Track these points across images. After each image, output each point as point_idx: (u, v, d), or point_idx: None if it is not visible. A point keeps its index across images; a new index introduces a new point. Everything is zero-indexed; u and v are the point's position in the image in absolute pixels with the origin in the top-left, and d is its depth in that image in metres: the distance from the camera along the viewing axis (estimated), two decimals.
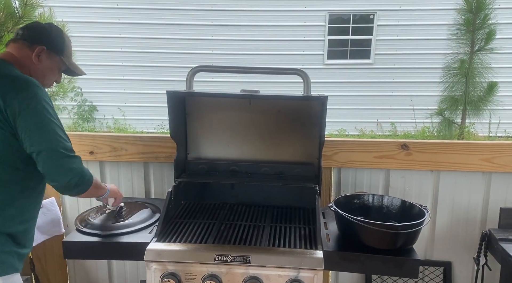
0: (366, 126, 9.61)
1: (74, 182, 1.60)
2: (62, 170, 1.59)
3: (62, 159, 1.58)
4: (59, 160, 1.57)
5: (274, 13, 9.41)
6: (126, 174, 2.48)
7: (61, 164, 1.58)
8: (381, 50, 9.55)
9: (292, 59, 9.28)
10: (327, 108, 1.98)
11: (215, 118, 2.26)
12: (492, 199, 2.34)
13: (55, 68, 1.77)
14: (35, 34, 1.72)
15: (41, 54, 1.71)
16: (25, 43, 1.70)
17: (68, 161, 1.59)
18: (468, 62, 5.88)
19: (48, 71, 1.76)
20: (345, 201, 1.96)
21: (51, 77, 1.79)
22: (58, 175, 1.59)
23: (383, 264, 1.72)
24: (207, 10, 9.40)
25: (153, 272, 1.71)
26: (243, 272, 1.68)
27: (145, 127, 9.52)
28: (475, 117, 6.12)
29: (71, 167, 1.59)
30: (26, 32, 1.72)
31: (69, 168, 1.59)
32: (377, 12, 9.46)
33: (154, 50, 9.47)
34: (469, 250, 2.36)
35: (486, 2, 5.70)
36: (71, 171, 1.59)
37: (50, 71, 1.76)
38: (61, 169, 1.59)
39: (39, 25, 1.78)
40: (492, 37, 5.76)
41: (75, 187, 1.63)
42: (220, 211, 2.17)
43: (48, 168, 1.58)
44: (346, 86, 9.49)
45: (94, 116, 9.62)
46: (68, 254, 1.82)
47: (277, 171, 2.26)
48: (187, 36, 9.49)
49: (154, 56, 9.50)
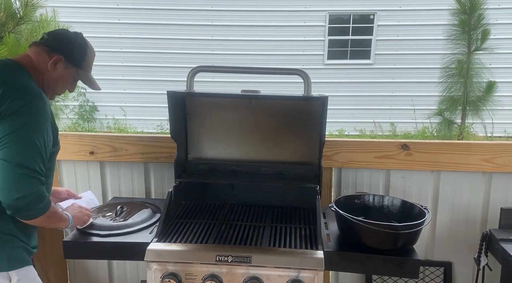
0: (366, 126, 9.61)
1: (23, 203, 1.49)
2: (13, 185, 1.47)
3: (21, 175, 1.47)
4: (16, 174, 1.47)
5: (274, 13, 9.41)
6: (126, 174, 2.48)
7: (15, 178, 1.47)
8: (381, 50, 9.55)
9: (292, 59, 9.28)
10: (327, 109, 1.98)
11: (216, 118, 2.26)
12: (493, 199, 2.34)
13: (69, 78, 1.77)
14: (57, 42, 1.71)
15: (58, 63, 1.70)
16: (45, 49, 1.70)
17: (26, 178, 1.48)
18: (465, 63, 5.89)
19: (61, 81, 1.75)
20: (345, 201, 1.96)
21: (63, 86, 1.79)
22: (8, 189, 1.48)
23: (383, 264, 1.72)
24: (207, 10, 9.41)
25: (153, 272, 1.71)
26: (244, 272, 1.68)
27: (145, 128, 9.53)
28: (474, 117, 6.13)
29: (25, 185, 1.48)
30: (50, 38, 1.72)
31: (22, 186, 1.48)
32: (377, 12, 9.46)
33: (154, 51, 9.47)
34: (470, 250, 2.36)
35: (479, 2, 5.71)
36: (23, 190, 1.48)
37: (63, 81, 1.75)
38: (13, 183, 1.47)
39: (64, 34, 1.76)
40: (486, 37, 5.77)
41: (24, 210, 1.51)
42: (221, 211, 2.17)
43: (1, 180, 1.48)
44: (346, 86, 9.49)
45: (94, 117, 9.63)
46: (68, 254, 1.82)
47: (277, 171, 2.26)
48: (187, 36, 9.49)
49: (154, 57, 9.50)
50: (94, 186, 2.49)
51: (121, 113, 9.53)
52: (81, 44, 1.76)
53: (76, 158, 2.41)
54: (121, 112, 9.52)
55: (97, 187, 2.50)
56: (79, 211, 1.85)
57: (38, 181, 1.53)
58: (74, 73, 1.76)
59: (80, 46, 1.75)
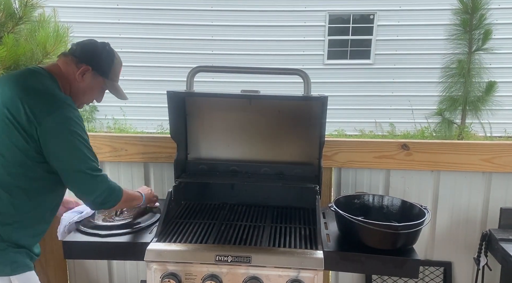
0: (366, 126, 9.61)
1: (99, 200, 1.66)
2: (87, 190, 1.65)
3: (87, 179, 1.63)
4: (83, 180, 1.63)
5: (274, 13, 9.41)
6: (126, 174, 2.48)
7: (85, 184, 1.64)
8: (381, 50, 9.55)
9: (292, 59, 9.28)
10: (327, 109, 1.98)
11: (215, 118, 2.26)
12: (492, 199, 2.34)
13: (96, 88, 1.80)
14: (85, 53, 1.74)
15: (85, 73, 1.73)
16: (73, 59, 1.73)
17: (92, 181, 1.64)
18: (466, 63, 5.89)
19: (89, 91, 1.78)
20: (345, 201, 1.96)
21: (91, 96, 1.82)
22: (83, 193, 1.67)
23: (383, 264, 1.72)
24: (207, 11, 9.41)
25: (153, 272, 1.71)
26: (244, 272, 1.68)
27: (145, 128, 9.52)
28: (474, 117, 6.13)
29: (94, 187, 1.64)
30: (78, 49, 1.75)
31: (93, 188, 1.64)
32: (377, 12, 9.46)
33: (154, 51, 9.47)
34: (469, 250, 2.36)
35: (482, 2, 5.71)
36: (96, 191, 1.65)
37: (91, 90, 1.79)
38: (86, 188, 1.65)
39: (91, 44, 1.78)
40: (488, 37, 5.78)
41: (102, 204, 1.69)
42: (220, 211, 2.17)
43: (74, 187, 1.66)
44: (346, 86, 9.49)
45: (94, 117, 9.62)
46: (68, 254, 1.82)
47: (277, 171, 2.26)
48: (187, 36, 9.49)
49: (154, 57, 9.50)
50: None
51: (121, 113, 9.53)
52: (108, 54, 1.78)
53: None
54: (121, 113, 9.51)
55: None
56: (150, 192, 2.03)
57: (101, 177, 1.67)
58: (102, 83, 1.79)
59: (107, 56, 1.78)
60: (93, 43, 1.79)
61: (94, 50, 1.76)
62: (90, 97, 1.83)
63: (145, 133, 9.02)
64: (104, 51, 1.77)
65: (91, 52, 1.75)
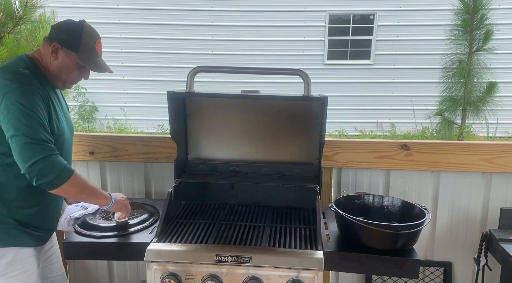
0: (366, 126, 9.61)
1: (35, 170, 1.56)
2: (21, 155, 1.57)
3: (22, 144, 1.56)
4: (18, 144, 1.57)
5: (274, 13, 9.41)
6: (126, 174, 2.48)
7: (20, 149, 1.57)
8: (381, 50, 9.55)
9: (292, 60, 9.29)
10: (327, 109, 1.98)
11: (216, 118, 2.26)
12: (493, 199, 2.34)
13: (71, 64, 1.80)
14: (55, 32, 1.78)
15: (58, 52, 1.77)
16: (47, 40, 1.79)
17: (28, 147, 1.56)
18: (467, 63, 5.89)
19: (64, 68, 1.79)
20: (345, 201, 1.96)
21: (68, 73, 1.82)
22: (18, 159, 1.59)
23: (383, 265, 1.72)
24: (207, 11, 9.41)
25: (153, 272, 1.71)
26: (244, 273, 1.68)
27: (145, 128, 9.53)
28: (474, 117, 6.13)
29: (30, 153, 1.56)
30: (51, 30, 1.81)
31: (29, 155, 1.56)
32: (377, 13, 9.46)
33: (154, 51, 9.47)
34: (470, 251, 2.36)
35: (483, 2, 5.71)
36: (31, 158, 1.56)
37: (66, 67, 1.79)
38: (21, 154, 1.57)
39: (63, 23, 1.82)
40: (489, 37, 5.78)
41: (39, 177, 1.57)
42: (220, 211, 2.17)
43: (14, 154, 1.59)
44: (346, 87, 9.49)
45: (94, 117, 9.63)
46: (68, 254, 1.82)
47: (277, 171, 2.26)
48: (188, 36, 9.49)
49: (154, 57, 9.50)
50: None
51: (121, 113, 9.53)
52: (75, 28, 1.78)
53: (76, 158, 2.41)
54: (121, 113, 9.52)
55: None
56: (122, 199, 1.91)
57: (46, 148, 1.60)
58: (75, 59, 1.78)
59: (74, 30, 1.78)
60: (65, 22, 1.83)
61: (63, 27, 1.79)
62: (69, 75, 1.82)
63: (145, 133, 9.02)
64: (72, 26, 1.79)
65: (57, 30, 1.78)
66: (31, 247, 1.79)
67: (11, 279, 1.72)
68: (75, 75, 1.85)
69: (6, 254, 1.72)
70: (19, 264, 1.74)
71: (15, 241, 1.74)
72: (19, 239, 1.75)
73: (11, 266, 1.72)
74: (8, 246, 1.72)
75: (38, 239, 1.82)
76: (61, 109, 1.87)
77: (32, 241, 1.79)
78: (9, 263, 1.72)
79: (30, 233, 1.78)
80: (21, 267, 1.74)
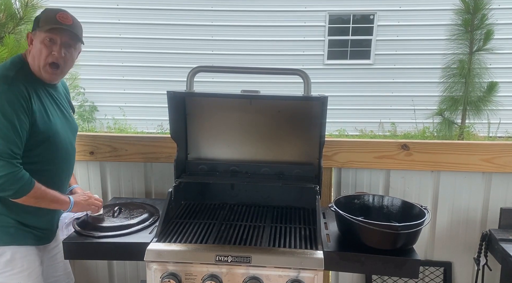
0: (366, 126, 9.61)
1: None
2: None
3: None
4: None
5: (274, 13, 9.41)
6: (126, 174, 2.48)
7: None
8: (381, 50, 9.55)
9: (292, 60, 9.29)
10: (327, 109, 1.98)
11: (215, 118, 2.26)
12: (492, 199, 2.34)
13: (39, 44, 1.75)
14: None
15: (33, 40, 1.77)
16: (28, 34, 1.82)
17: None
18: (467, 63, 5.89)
19: (37, 51, 1.76)
20: (345, 201, 1.96)
21: (40, 54, 1.76)
22: None
23: (383, 264, 1.72)
24: (207, 10, 9.41)
25: (153, 272, 1.71)
26: (244, 272, 1.68)
27: (145, 128, 9.52)
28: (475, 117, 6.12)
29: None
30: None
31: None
32: (377, 13, 9.46)
33: (154, 51, 9.47)
34: (469, 250, 2.36)
35: (484, 2, 5.71)
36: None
37: (38, 49, 1.76)
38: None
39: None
40: (490, 37, 5.77)
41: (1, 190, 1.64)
42: (220, 211, 2.17)
43: None
44: (346, 87, 9.49)
45: (94, 117, 9.63)
46: (68, 254, 1.82)
47: (277, 171, 2.26)
48: (188, 36, 9.49)
49: (154, 57, 9.50)
50: (94, 186, 2.50)
51: (121, 113, 9.53)
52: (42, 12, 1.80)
53: (76, 158, 2.41)
54: (121, 112, 9.52)
55: (97, 187, 2.50)
56: (84, 199, 1.91)
57: (10, 163, 1.62)
58: (39, 36, 1.75)
59: (40, 13, 1.80)
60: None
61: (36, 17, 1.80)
62: (40, 55, 1.75)
63: (145, 133, 9.02)
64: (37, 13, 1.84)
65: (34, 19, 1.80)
66: (31, 245, 1.79)
67: (10, 277, 1.73)
68: (45, 53, 1.76)
69: (5, 253, 1.73)
70: (19, 263, 1.75)
71: (15, 239, 1.75)
72: (19, 238, 1.76)
73: (10, 264, 1.73)
74: (7, 245, 1.73)
75: (38, 238, 1.83)
76: (55, 108, 1.85)
77: (32, 240, 1.80)
78: (8, 261, 1.73)
79: (29, 232, 1.79)
80: (20, 266, 1.75)
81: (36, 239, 1.81)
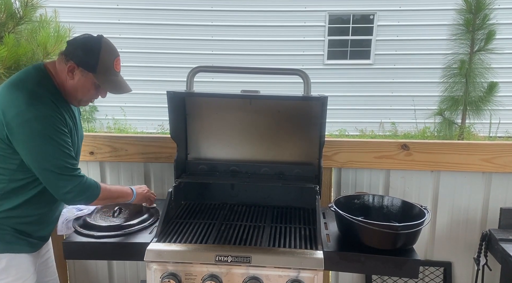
0: (366, 126, 9.61)
1: (69, 196, 1.68)
2: (54, 187, 1.66)
3: (53, 177, 1.64)
4: (49, 178, 1.64)
5: (274, 13, 9.41)
6: (126, 174, 2.48)
7: (52, 181, 1.65)
8: (381, 50, 9.55)
9: (292, 60, 9.28)
10: (327, 109, 1.98)
11: (215, 118, 2.26)
12: (492, 199, 2.34)
13: (88, 85, 1.72)
14: (71, 49, 1.70)
15: (74, 71, 1.69)
16: (62, 58, 1.71)
17: (59, 178, 1.64)
18: (468, 63, 5.89)
19: (81, 88, 1.72)
20: (345, 201, 1.96)
21: (85, 93, 1.75)
22: (51, 189, 1.68)
23: (383, 264, 1.72)
24: (207, 11, 9.41)
25: (153, 272, 1.71)
26: (243, 272, 1.68)
27: (145, 128, 9.52)
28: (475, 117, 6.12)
29: (62, 184, 1.65)
30: (67, 46, 1.72)
31: (61, 185, 1.65)
32: (377, 13, 9.46)
33: (154, 51, 9.47)
34: (469, 250, 2.36)
35: (486, 2, 5.71)
36: (63, 188, 1.65)
37: (83, 87, 1.72)
38: (53, 185, 1.66)
39: (80, 39, 1.73)
40: (492, 37, 5.77)
41: (74, 200, 1.72)
42: (220, 211, 2.17)
43: (44, 183, 1.68)
44: (346, 87, 9.49)
45: (94, 117, 9.63)
46: (68, 254, 1.82)
47: (277, 171, 2.26)
48: (187, 36, 9.49)
49: (154, 57, 9.50)
50: None
51: (121, 113, 9.53)
52: (93, 47, 1.69)
53: None
54: (121, 113, 9.52)
55: None
56: (143, 191, 2.03)
57: (73, 176, 1.67)
58: (92, 79, 1.71)
59: (92, 49, 1.69)
60: (81, 38, 1.73)
61: (79, 45, 1.69)
62: (86, 94, 1.76)
63: (145, 133, 9.02)
64: (89, 45, 1.69)
65: (74, 48, 1.69)
66: (26, 253, 1.77)
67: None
68: (92, 95, 1.78)
69: (0, 260, 1.70)
70: (14, 270, 1.72)
71: (10, 247, 1.72)
72: (14, 245, 1.73)
73: (5, 272, 1.70)
74: (2, 252, 1.70)
75: (32, 245, 1.80)
76: (75, 123, 1.83)
77: (27, 247, 1.77)
78: (3, 269, 1.70)
79: (25, 240, 1.76)
80: (15, 273, 1.72)
81: (30, 246, 1.79)
